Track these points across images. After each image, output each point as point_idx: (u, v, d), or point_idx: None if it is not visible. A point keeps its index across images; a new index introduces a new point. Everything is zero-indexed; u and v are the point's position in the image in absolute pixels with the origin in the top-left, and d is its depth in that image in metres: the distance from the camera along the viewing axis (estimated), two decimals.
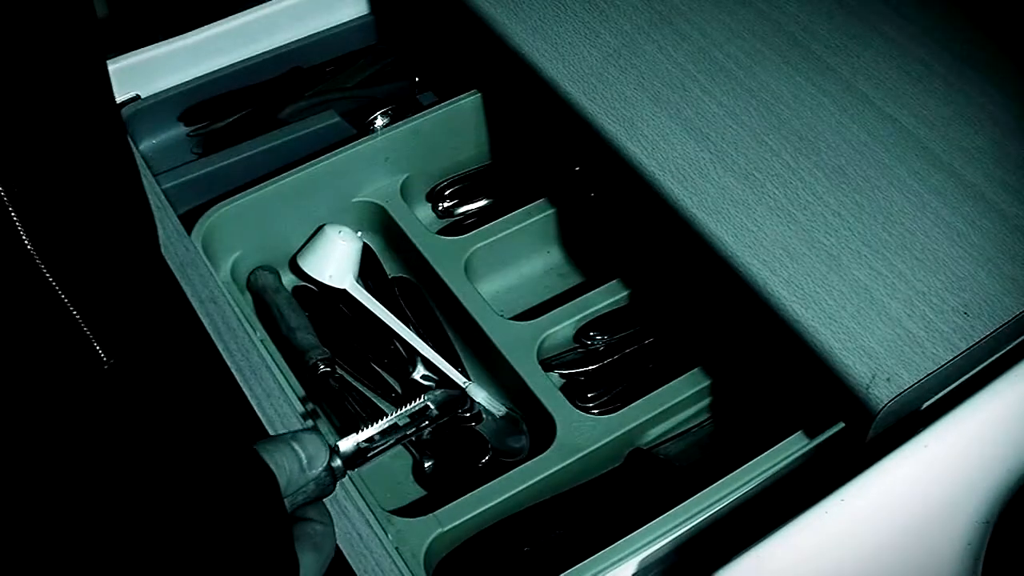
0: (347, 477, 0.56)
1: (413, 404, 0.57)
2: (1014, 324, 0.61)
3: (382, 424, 0.54)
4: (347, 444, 0.52)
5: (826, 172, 0.67)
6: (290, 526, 0.47)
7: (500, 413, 0.75)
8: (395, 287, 0.84)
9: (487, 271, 0.84)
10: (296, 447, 0.48)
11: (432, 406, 0.58)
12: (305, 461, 0.49)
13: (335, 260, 0.81)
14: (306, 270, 0.82)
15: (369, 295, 0.80)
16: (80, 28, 0.48)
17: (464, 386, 0.75)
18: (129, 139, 0.61)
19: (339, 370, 0.77)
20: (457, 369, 0.77)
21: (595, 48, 0.75)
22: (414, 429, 0.57)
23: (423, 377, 0.77)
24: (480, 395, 0.75)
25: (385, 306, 0.80)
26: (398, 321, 0.79)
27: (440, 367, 0.77)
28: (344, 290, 0.81)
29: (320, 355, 0.76)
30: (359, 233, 0.83)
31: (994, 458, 0.60)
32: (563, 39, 0.76)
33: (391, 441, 0.54)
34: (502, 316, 0.78)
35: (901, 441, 0.60)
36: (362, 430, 0.53)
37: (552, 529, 0.69)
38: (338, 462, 0.51)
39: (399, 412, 0.56)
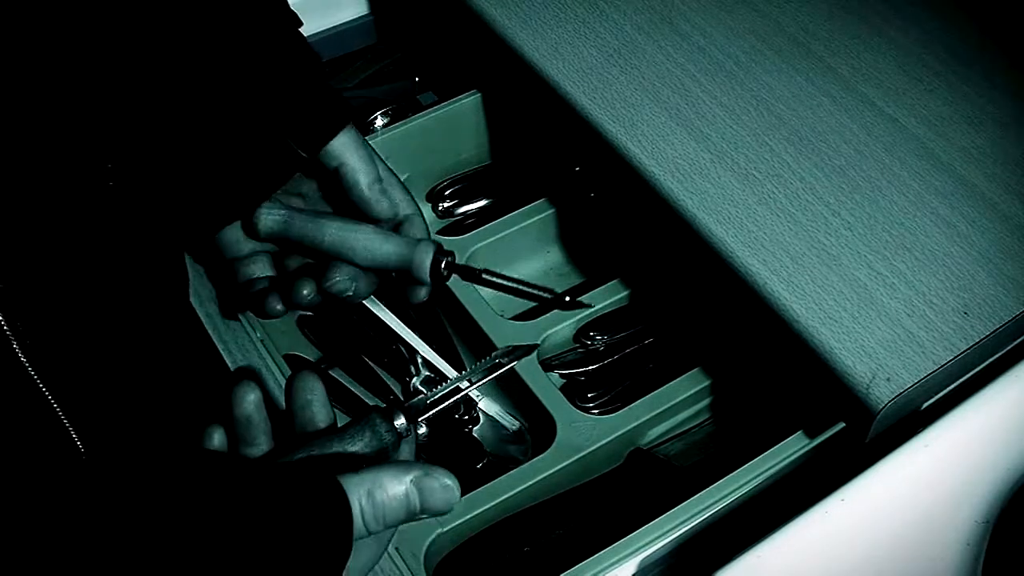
0: None
1: (481, 363, 0.63)
2: (1014, 324, 0.61)
3: (443, 387, 0.59)
4: (418, 387, 0.59)
5: (826, 172, 0.67)
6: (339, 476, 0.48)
7: (514, 427, 0.75)
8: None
9: None
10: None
11: (501, 359, 0.65)
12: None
13: None
14: None
15: (380, 304, 0.79)
16: None
17: (477, 399, 0.75)
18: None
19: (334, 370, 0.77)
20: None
21: (595, 48, 0.75)
22: (478, 382, 0.63)
23: (424, 382, 0.77)
24: (493, 409, 0.75)
25: (392, 311, 0.79)
26: (409, 331, 0.78)
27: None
28: None
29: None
30: None
31: (994, 458, 0.60)
32: (563, 39, 0.76)
33: (442, 392, 0.59)
34: (502, 316, 0.78)
35: (901, 441, 0.60)
36: (433, 382, 0.60)
37: (552, 529, 0.69)
38: (401, 420, 0.54)
39: (462, 374, 0.62)
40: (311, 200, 0.67)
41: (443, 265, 0.65)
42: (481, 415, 0.76)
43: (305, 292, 0.63)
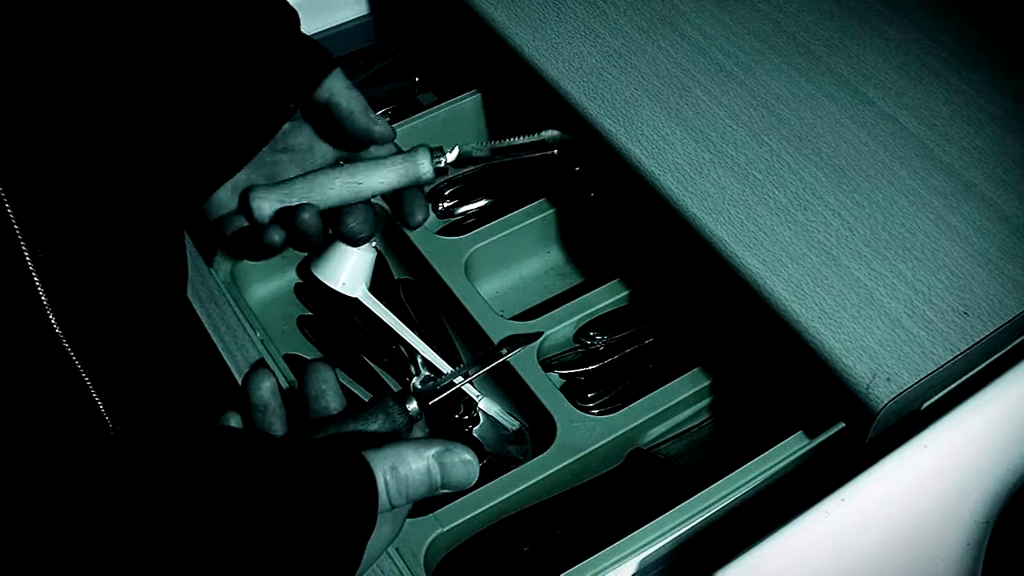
0: None
1: (485, 352, 0.67)
2: (1014, 324, 0.61)
3: (448, 375, 0.62)
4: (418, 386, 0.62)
5: (826, 172, 0.67)
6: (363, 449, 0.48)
7: (513, 427, 0.75)
8: (401, 290, 0.83)
9: (487, 271, 0.84)
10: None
11: (503, 349, 0.68)
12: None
13: (348, 269, 0.80)
14: (320, 278, 0.80)
15: (380, 304, 0.79)
16: None
17: (477, 399, 0.75)
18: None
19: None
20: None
21: (595, 48, 0.75)
22: (482, 370, 0.68)
23: (424, 382, 0.77)
24: (493, 409, 0.75)
25: (392, 310, 0.79)
26: (410, 332, 0.78)
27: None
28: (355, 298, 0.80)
29: None
30: (373, 244, 0.81)
31: (994, 458, 0.60)
32: (563, 39, 0.76)
33: (452, 378, 0.63)
34: (502, 316, 0.78)
35: (901, 441, 0.60)
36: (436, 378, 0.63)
37: (552, 529, 0.69)
38: (413, 404, 0.55)
39: (468, 362, 0.66)
40: (299, 154, 0.66)
41: (442, 162, 0.64)
42: (481, 415, 0.76)
43: (276, 238, 0.60)
